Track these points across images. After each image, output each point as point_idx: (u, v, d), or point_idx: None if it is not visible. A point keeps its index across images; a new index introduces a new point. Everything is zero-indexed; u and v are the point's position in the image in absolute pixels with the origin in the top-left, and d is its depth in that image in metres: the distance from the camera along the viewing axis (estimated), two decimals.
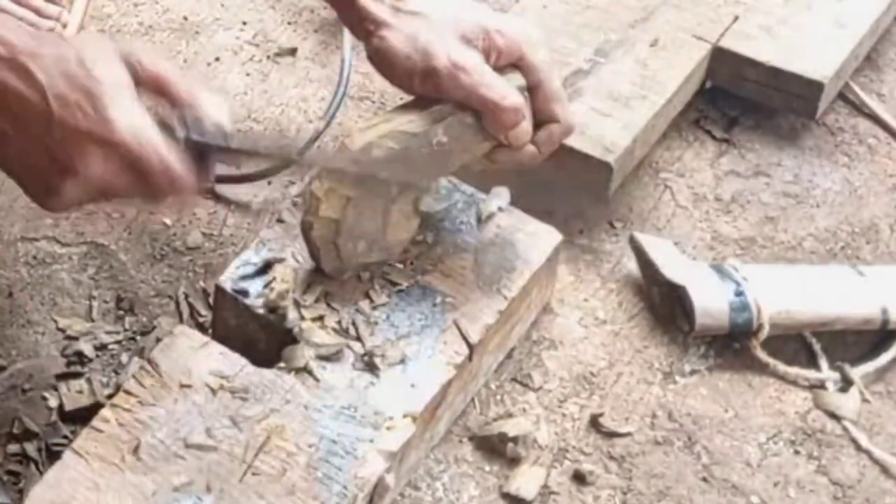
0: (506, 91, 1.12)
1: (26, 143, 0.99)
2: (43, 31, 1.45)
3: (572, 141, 1.33)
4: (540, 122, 1.17)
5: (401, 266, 1.18)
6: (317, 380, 1.07)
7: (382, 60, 1.15)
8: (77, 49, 0.98)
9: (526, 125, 1.15)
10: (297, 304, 1.12)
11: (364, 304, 1.14)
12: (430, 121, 1.12)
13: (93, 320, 1.25)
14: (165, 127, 1.00)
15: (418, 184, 1.15)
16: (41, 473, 1.10)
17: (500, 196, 1.25)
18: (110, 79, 0.98)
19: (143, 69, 1.00)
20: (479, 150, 1.16)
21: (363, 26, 1.15)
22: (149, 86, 1.01)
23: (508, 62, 1.15)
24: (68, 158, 0.98)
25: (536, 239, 1.22)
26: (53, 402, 1.17)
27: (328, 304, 1.13)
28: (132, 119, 0.98)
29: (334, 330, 1.11)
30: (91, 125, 0.97)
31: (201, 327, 1.23)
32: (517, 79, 1.15)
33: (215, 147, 1.01)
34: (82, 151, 0.98)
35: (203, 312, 1.26)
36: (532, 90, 1.16)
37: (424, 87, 1.13)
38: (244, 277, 1.14)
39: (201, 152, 1.01)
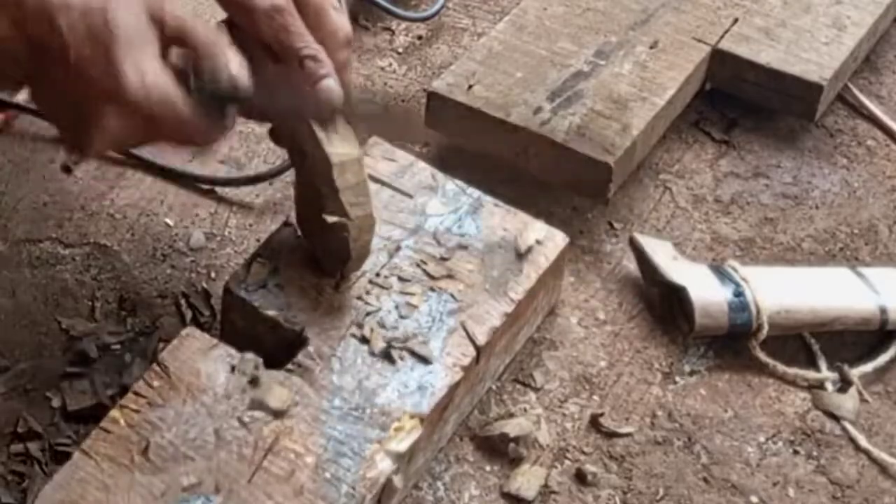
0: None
1: (52, 94, 0.98)
2: None
3: (572, 142, 1.34)
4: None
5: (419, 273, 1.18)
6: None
7: None
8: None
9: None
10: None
11: (373, 304, 1.14)
12: None
13: (96, 321, 1.25)
14: (182, 76, 0.99)
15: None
16: (45, 473, 1.10)
17: (537, 228, 1.24)
18: (128, 30, 0.95)
19: (168, 22, 0.98)
20: None
21: None
22: (174, 39, 0.99)
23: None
24: (88, 114, 0.97)
25: (543, 241, 1.22)
26: (56, 402, 1.17)
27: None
28: (145, 75, 0.95)
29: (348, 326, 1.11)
30: (103, 81, 0.95)
31: (202, 327, 1.23)
32: None
33: (230, 98, 1.00)
34: (98, 108, 0.96)
35: (205, 313, 1.26)
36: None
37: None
38: (252, 280, 1.14)
39: (220, 102, 1.00)
